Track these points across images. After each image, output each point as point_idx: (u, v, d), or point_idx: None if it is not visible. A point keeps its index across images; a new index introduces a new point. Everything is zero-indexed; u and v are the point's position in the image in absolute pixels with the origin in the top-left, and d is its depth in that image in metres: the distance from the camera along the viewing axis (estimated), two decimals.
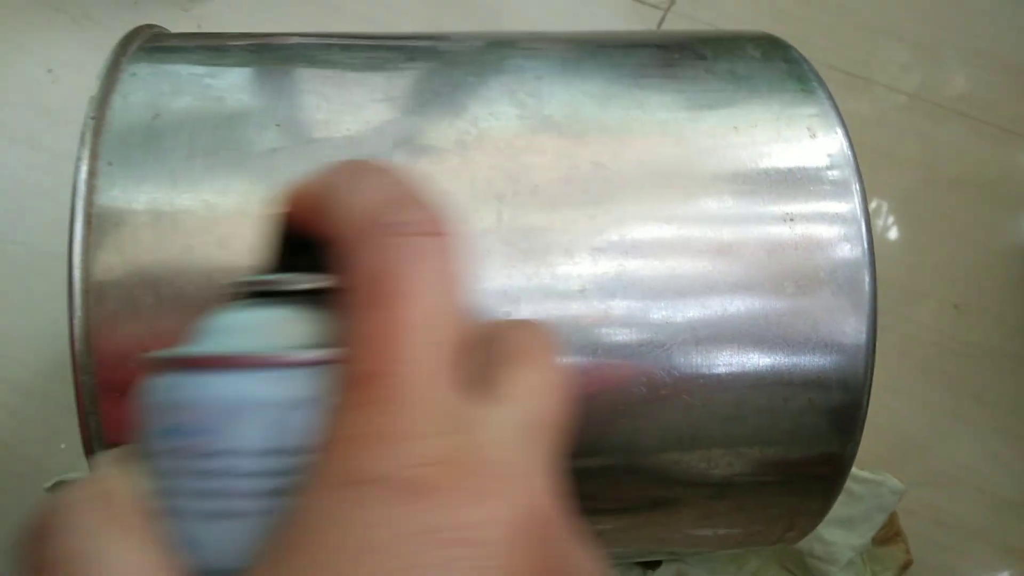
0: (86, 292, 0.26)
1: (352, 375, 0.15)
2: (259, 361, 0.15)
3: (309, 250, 0.17)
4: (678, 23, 0.68)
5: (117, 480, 0.16)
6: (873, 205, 0.62)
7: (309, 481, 0.15)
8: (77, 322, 0.26)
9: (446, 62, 0.32)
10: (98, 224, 0.26)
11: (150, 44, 0.32)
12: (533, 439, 0.16)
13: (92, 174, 0.27)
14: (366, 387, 0.15)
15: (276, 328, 0.16)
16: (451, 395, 0.15)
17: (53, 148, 0.60)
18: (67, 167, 0.58)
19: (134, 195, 0.27)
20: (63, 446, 0.49)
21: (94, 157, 0.27)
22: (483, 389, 0.16)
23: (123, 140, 0.28)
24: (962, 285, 0.59)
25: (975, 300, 0.58)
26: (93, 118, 0.28)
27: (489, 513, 0.15)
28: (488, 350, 0.17)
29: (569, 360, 0.29)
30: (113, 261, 0.26)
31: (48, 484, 0.47)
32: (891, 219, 0.62)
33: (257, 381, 0.15)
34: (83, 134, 0.27)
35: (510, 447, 0.16)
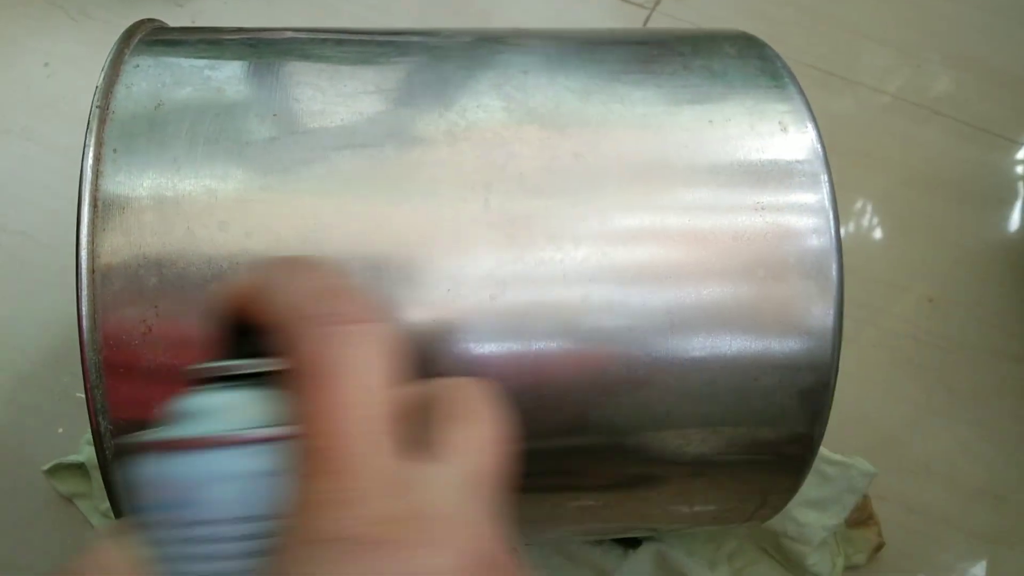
0: (93, 273, 0.27)
1: (304, 449, 0.17)
2: (225, 440, 0.18)
3: (257, 335, 0.20)
4: (662, 23, 0.69)
5: (115, 551, 0.18)
6: (858, 204, 0.64)
7: (280, 542, 0.17)
8: (84, 301, 0.27)
9: (436, 56, 0.34)
10: (104, 208, 0.28)
11: (151, 37, 0.33)
12: (474, 491, 0.19)
13: (98, 160, 0.28)
14: (315, 459, 0.17)
15: (236, 409, 0.19)
16: (392, 459, 0.18)
17: (49, 140, 0.61)
18: (62, 159, 0.59)
19: (138, 180, 0.28)
20: (60, 431, 0.50)
21: (99, 144, 0.28)
22: (426, 449, 0.19)
23: (127, 128, 0.29)
24: (937, 280, 0.61)
25: (949, 294, 0.60)
26: (98, 107, 0.29)
27: (438, 560, 0.17)
28: (430, 411, 0.20)
29: (550, 344, 0.30)
30: (119, 243, 0.28)
31: (46, 467, 0.49)
32: (870, 220, 0.64)
33: (225, 458, 0.18)
34: (89, 122, 0.29)
35: (453, 500, 0.18)
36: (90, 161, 0.28)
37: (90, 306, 0.27)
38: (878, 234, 0.64)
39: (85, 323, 0.27)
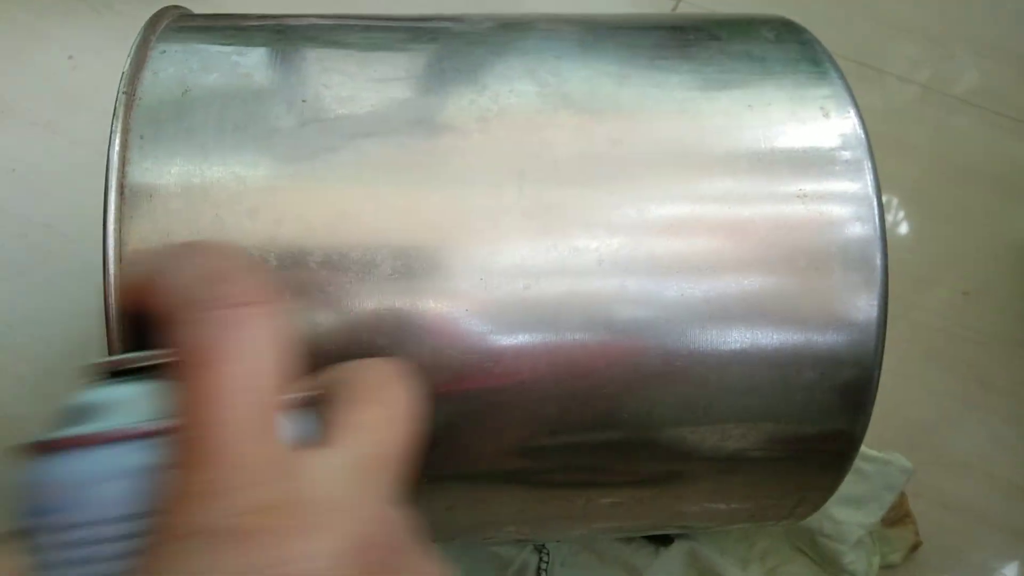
0: (120, 261, 0.27)
1: (179, 439, 0.17)
2: (100, 438, 0.17)
3: (155, 326, 0.19)
4: (691, 10, 0.68)
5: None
6: (890, 196, 0.63)
7: (151, 538, 0.16)
8: (111, 290, 0.27)
9: (466, 42, 0.33)
10: (131, 195, 0.27)
11: (178, 24, 0.33)
12: (364, 474, 0.18)
13: (124, 147, 0.28)
14: (189, 449, 0.17)
15: (127, 404, 0.18)
16: (272, 448, 0.17)
17: (73, 133, 0.61)
18: (87, 152, 0.59)
19: (166, 168, 0.28)
20: None
21: (126, 131, 0.28)
22: (321, 433, 0.18)
23: (154, 114, 0.28)
24: (971, 273, 0.59)
25: (984, 288, 0.59)
26: (124, 93, 0.28)
27: (313, 547, 0.16)
28: (332, 393, 0.19)
29: (584, 336, 0.29)
30: (146, 231, 0.27)
31: None
32: (901, 212, 0.63)
33: (102, 456, 0.17)
34: (115, 108, 0.28)
35: (336, 486, 0.17)
36: (116, 148, 0.28)
37: (117, 294, 0.27)
38: (911, 227, 0.62)
39: (112, 311, 0.27)
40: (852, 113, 0.32)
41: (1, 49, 0.65)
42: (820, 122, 0.31)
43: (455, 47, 0.33)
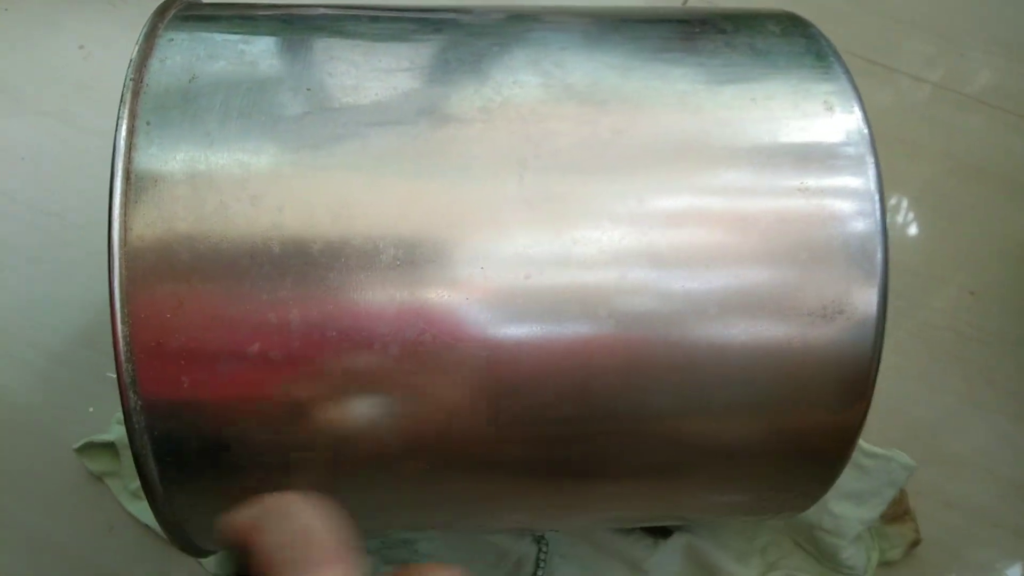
0: (124, 246, 0.27)
1: None
2: None
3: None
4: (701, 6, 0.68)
5: None
6: (899, 194, 0.63)
7: None
8: (116, 275, 0.27)
9: (471, 33, 0.33)
10: (137, 181, 0.28)
11: (185, 12, 0.33)
12: None
13: (131, 133, 0.28)
14: None
15: None
16: None
17: (84, 123, 0.62)
18: (98, 141, 0.60)
19: (171, 153, 0.28)
20: (91, 410, 0.51)
21: (133, 117, 0.28)
22: None
23: (161, 101, 0.29)
24: (979, 273, 0.59)
25: (991, 288, 0.59)
26: (132, 80, 0.29)
27: None
28: None
29: (585, 327, 0.30)
30: (151, 217, 0.27)
31: (77, 445, 0.49)
32: (911, 212, 0.62)
33: None
34: (123, 95, 0.28)
35: None
36: (123, 134, 0.28)
37: (121, 280, 0.27)
38: (919, 225, 0.62)
39: (117, 296, 0.27)
40: (856, 108, 0.32)
41: (13, 37, 0.66)
42: (823, 117, 0.32)
43: (460, 38, 0.33)
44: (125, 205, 0.27)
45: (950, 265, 0.60)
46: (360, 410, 0.29)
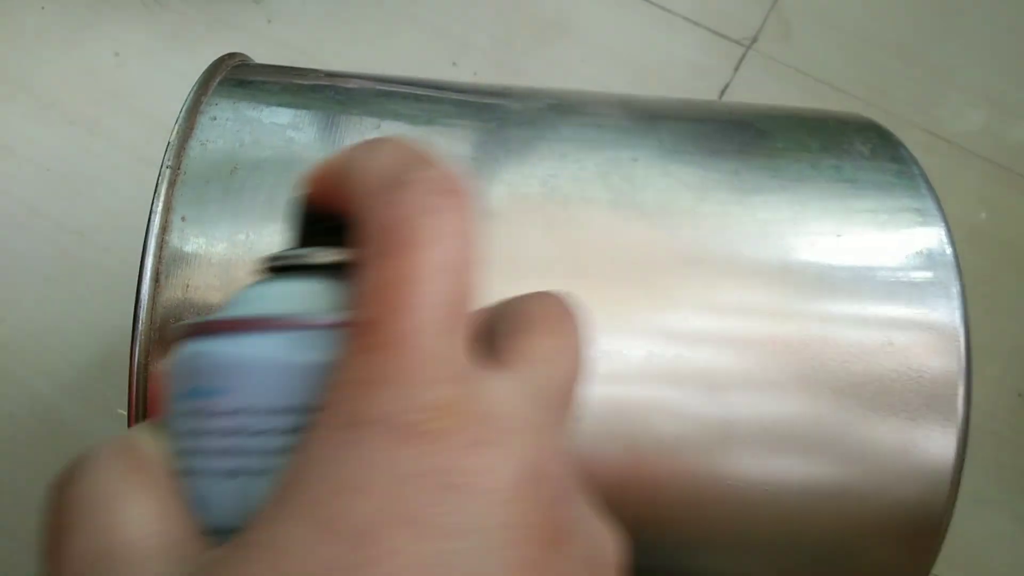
0: (147, 355, 0.25)
1: (358, 322, 0.15)
2: (271, 324, 0.16)
3: (335, 228, 0.17)
4: (758, 64, 0.65)
5: (142, 438, 0.17)
6: None
7: (310, 426, 0.15)
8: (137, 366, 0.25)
9: (520, 123, 0.31)
10: (166, 284, 0.25)
11: (232, 78, 0.31)
12: (539, 401, 0.16)
13: (164, 229, 0.26)
14: (370, 333, 0.15)
15: (298, 297, 0.17)
16: (458, 348, 0.15)
17: (114, 136, 0.60)
18: (127, 156, 0.58)
19: (205, 257, 0.26)
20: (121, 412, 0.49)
21: (168, 211, 0.26)
22: (492, 358, 0.17)
23: (199, 194, 0.26)
24: None
25: None
26: (169, 167, 0.26)
27: (490, 462, 0.14)
28: (498, 324, 0.18)
29: (612, 448, 0.27)
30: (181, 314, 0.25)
31: None
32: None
33: (269, 343, 0.16)
34: (157, 184, 0.26)
35: (514, 405, 0.15)
36: (155, 230, 0.26)
37: (140, 387, 0.25)
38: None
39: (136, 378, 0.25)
40: (948, 252, 0.29)
41: (49, 38, 0.63)
42: (912, 257, 0.29)
43: (510, 131, 0.30)
44: (152, 311, 0.25)
45: (999, 363, 0.57)
46: None
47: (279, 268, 0.18)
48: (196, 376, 0.16)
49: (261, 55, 0.38)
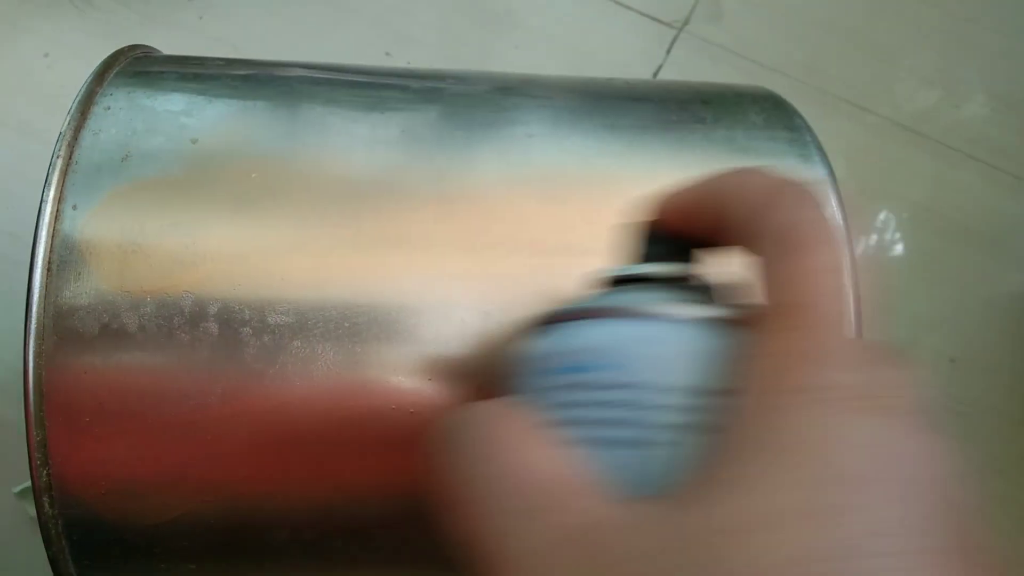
0: (43, 340, 0.25)
1: (775, 306, 0.17)
2: (661, 313, 0.18)
3: (663, 250, 0.20)
4: (691, 45, 0.66)
5: (515, 405, 0.18)
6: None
7: (737, 396, 0.16)
8: (31, 370, 0.25)
9: (443, 113, 0.31)
10: (58, 270, 0.25)
11: (131, 69, 0.31)
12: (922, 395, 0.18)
13: (55, 218, 0.26)
14: (788, 316, 0.17)
15: (656, 299, 0.19)
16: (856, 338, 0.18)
17: (46, 136, 0.58)
18: None
19: (99, 242, 0.26)
20: None
21: (58, 200, 0.26)
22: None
23: (90, 182, 0.27)
24: (960, 339, 0.58)
25: (973, 355, 0.57)
26: (59, 157, 0.27)
27: (926, 448, 0.16)
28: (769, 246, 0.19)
29: None
30: (75, 304, 0.25)
31: (17, 489, 0.47)
32: (895, 268, 0.61)
33: (662, 329, 0.17)
34: (48, 174, 0.26)
35: (918, 393, 0.17)
36: (47, 219, 0.26)
37: (36, 382, 0.25)
38: (898, 285, 0.61)
39: (32, 386, 0.25)
40: (838, 216, 0.30)
41: None
42: None
43: (441, 111, 0.31)
44: (44, 297, 0.25)
45: (930, 329, 0.58)
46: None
47: (625, 279, 0.20)
48: (579, 354, 0.18)
49: (193, 51, 0.37)
